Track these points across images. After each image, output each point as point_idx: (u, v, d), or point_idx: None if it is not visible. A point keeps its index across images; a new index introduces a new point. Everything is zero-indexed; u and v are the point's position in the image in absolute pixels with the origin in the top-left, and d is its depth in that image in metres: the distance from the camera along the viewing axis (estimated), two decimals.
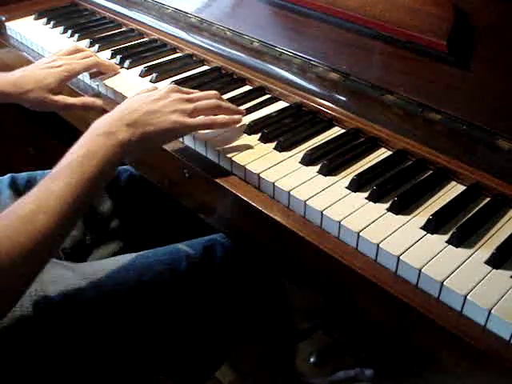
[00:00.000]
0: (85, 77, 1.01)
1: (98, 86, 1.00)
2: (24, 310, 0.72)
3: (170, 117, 0.73)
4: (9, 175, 0.97)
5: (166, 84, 0.97)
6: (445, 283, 0.57)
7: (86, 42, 1.13)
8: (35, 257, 0.59)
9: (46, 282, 0.76)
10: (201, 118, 0.77)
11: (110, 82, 0.98)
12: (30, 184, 0.95)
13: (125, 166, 1.07)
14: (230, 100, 0.91)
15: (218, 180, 0.76)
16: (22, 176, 0.98)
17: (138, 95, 0.78)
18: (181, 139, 0.84)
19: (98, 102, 0.93)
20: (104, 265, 0.83)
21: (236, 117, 0.80)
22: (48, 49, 1.12)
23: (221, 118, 0.79)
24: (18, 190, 0.95)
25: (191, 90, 0.82)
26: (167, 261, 0.83)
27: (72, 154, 0.66)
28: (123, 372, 0.82)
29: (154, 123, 0.72)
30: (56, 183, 0.62)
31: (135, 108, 0.72)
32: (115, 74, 1.01)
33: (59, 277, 0.77)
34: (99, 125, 0.70)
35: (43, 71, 0.93)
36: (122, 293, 0.78)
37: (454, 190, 0.72)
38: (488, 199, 0.70)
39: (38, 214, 0.59)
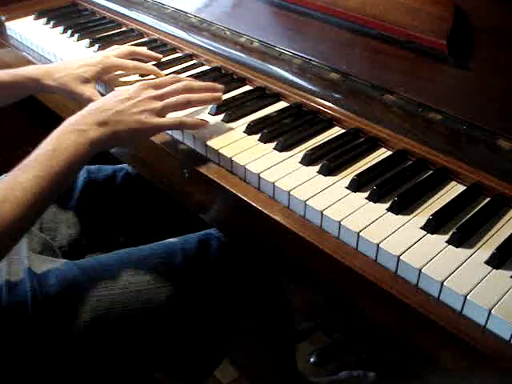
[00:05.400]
0: None
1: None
2: (21, 302, 0.73)
3: (139, 117, 0.74)
4: (4, 176, 0.97)
5: None
6: (445, 283, 0.57)
7: (86, 41, 1.13)
8: None
9: (43, 276, 0.76)
10: (170, 119, 0.78)
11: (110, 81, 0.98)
12: None
13: (121, 165, 1.07)
14: (230, 100, 0.91)
15: (218, 180, 0.76)
16: None
17: (111, 93, 0.79)
18: (181, 139, 0.84)
19: None
20: (101, 258, 0.84)
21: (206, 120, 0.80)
22: (48, 49, 1.12)
23: (190, 120, 0.80)
24: None
25: (162, 81, 0.82)
26: (163, 255, 0.83)
27: (42, 148, 0.68)
28: (121, 368, 0.82)
29: (124, 123, 0.74)
30: (24, 175, 0.65)
31: (107, 107, 0.74)
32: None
33: (57, 270, 0.78)
34: (71, 122, 0.72)
35: (78, 62, 0.94)
36: (118, 286, 0.78)
37: (453, 190, 0.72)
38: (488, 199, 0.70)
39: (3, 202, 0.61)
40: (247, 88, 0.96)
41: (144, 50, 1.04)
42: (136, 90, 0.78)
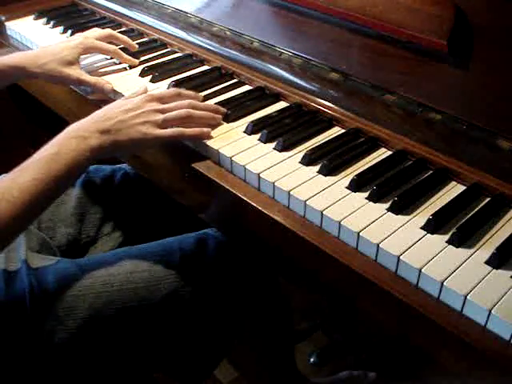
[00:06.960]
0: None
1: None
2: (19, 299, 0.73)
3: (141, 128, 0.76)
4: (3, 176, 0.97)
5: (165, 84, 0.97)
6: (445, 283, 0.57)
7: None
8: None
9: (41, 273, 0.76)
10: (170, 130, 0.79)
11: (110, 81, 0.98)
12: None
13: (119, 165, 1.07)
14: (230, 100, 0.91)
15: (217, 180, 0.76)
16: None
17: (115, 103, 0.81)
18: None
19: (109, 86, 0.95)
20: (99, 257, 0.85)
21: (205, 130, 0.81)
22: None
23: (189, 130, 0.80)
24: None
25: (166, 94, 0.84)
26: (160, 253, 0.84)
27: (43, 152, 0.70)
28: (119, 366, 0.82)
29: (125, 133, 0.75)
30: (23, 176, 0.66)
31: (109, 116, 0.76)
32: (117, 72, 1.02)
33: (54, 267, 0.78)
34: (74, 128, 0.73)
35: (60, 45, 0.98)
36: (115, 283, 0.79)
37: (454, 190, 0.72)
38: (488, 199, 0.70)
39: (0, 201, 0.62)
40: (247, 88, 0.96)
41: (123, 36, 1.07)
42: (140, 101, 0.79)
